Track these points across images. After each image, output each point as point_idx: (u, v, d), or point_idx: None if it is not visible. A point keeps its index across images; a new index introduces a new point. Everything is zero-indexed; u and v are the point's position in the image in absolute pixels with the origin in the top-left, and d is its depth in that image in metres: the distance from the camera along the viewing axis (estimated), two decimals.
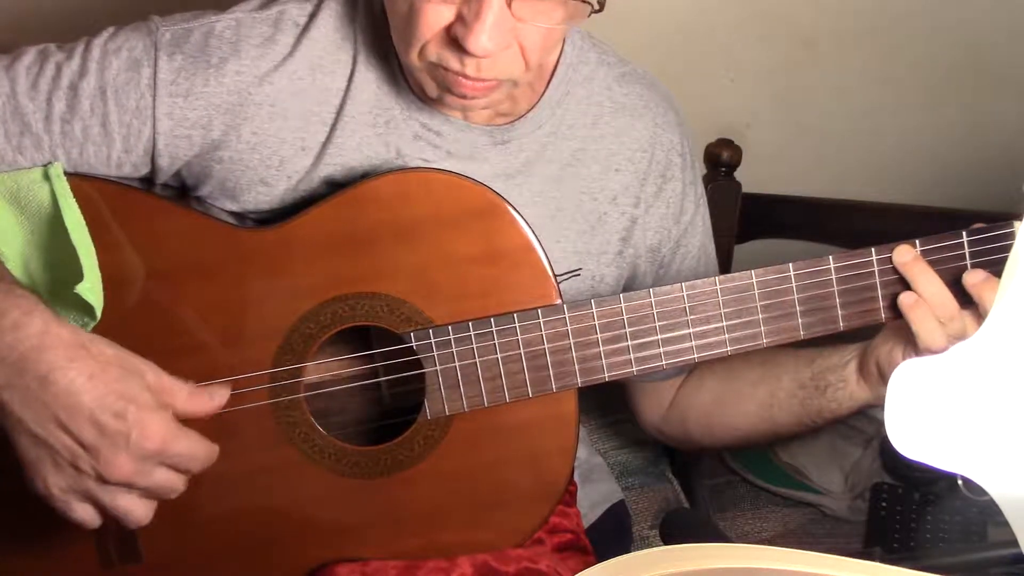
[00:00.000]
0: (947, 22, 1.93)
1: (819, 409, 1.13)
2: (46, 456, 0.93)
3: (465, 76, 1.00)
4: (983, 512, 1.40)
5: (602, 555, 1.15)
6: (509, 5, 0.95)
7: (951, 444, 0.84)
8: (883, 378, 1.08)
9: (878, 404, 1.06)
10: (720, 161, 1.60)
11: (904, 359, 1.03)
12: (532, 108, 1.13)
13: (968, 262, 1.02)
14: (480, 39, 0.95)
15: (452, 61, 0.99)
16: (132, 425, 0.92)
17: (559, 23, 0.99)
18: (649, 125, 1.18)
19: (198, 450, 0.96)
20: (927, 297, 1.02)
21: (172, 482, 0.96)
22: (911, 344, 1.04)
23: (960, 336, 1.02)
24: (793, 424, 1.16)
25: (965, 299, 1.02)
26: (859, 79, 1.96)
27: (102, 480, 0.93)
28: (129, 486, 0.94)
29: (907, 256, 1.03)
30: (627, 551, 0.96)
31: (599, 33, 1.20)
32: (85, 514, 0.95)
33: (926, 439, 0.85)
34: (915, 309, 1.03)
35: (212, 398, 0.99)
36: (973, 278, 1.02)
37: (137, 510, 0.96)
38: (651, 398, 1.28)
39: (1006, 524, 0.83)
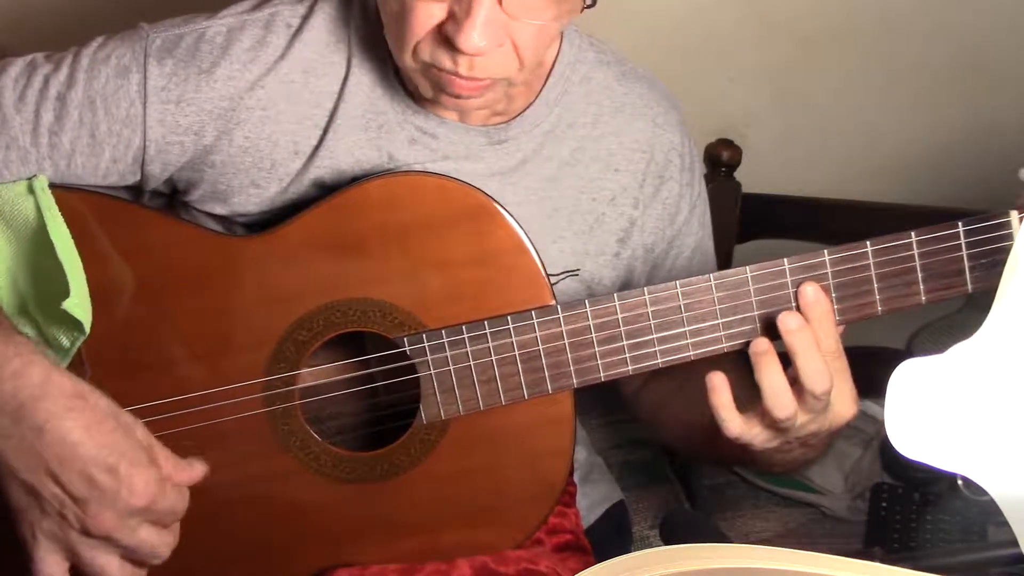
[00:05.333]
0: (947, 22, 1.93)
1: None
2: (34, 504, 0.92)
3: (458, 75, 0.99)
4: (983, 512, 1.40)
5: (602, 555, 1.14)
6: (500, 2, 0.95)
7: (951, 444, 0.84)
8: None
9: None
10: (720, 161, 1.60)
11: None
12: (529, 107, 1.12)
13: (964, 252, 1.01)
14: (471, 37, 0.95)
15: (445, 60, 0.99)
16: (122, 481, 0.91)
17: (552, 20, 0.99)
18: (649, 125, 1.17)
19: (181, 504, 0.96)
20: (765, 388, 0.98)
21: (154, 543, 0.95)
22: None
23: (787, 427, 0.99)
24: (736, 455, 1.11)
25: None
26: (859, 79, 1.96)
27: (85, 532, 0.93)
28: (111, 541, 0.93)
29: (763, 346, 0.99)
30: (627, 551, 0.96)
31: (599, 33, 1.20)
32: (53, 570, 0.94)
33: (926, 439, 0.85)
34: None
35: (191, 470, 0.97)
36: (788, 324, 0.98)
37: (114, 570, 0.95)
38: (624, 381, 1.27)
39: (1006, 524, 0.83)
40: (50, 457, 0.91)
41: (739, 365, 1.02)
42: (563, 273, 1.13)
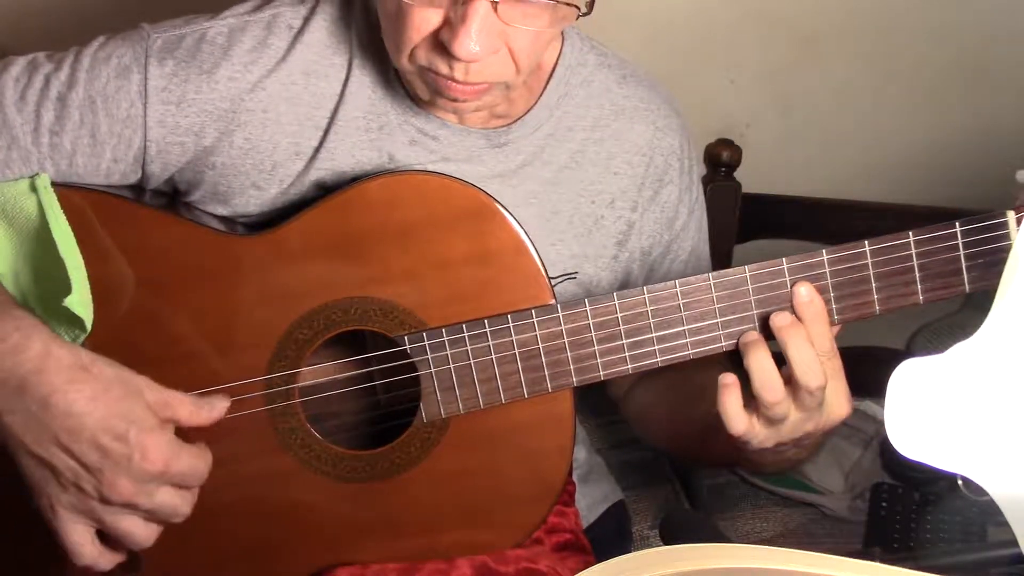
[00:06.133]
0: (947, 22, 1.94)
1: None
2: (50, 476, 0.93)
3: (455, 80, 0.99)
4: (983, 512, 1.40)
5: (601, 555, 1.15)
6: (495, 9, 0.95)
7: (951, 444, 0.84)
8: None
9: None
10: (720, 161, 1.60)
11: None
12: (529, 110, 1.12)
13: (962, 252, 1.01)
14: (466, 43, 0.95)
15: (441, 65, 0.99)
16: (134, 447, 0.92)
17: (547, 26, 0.99)
18: (649, 128, 1.17)
19: (200, 465, 0.97)
20: (753, 371, 0.98)
21: (175, 503, 0.96)
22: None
23: (779, 418, 0.99)
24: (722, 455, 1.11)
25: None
26: (859, 79, 1.96)
27: (105, 501, 0.94)
28: (132, 507, 0.94)
29: (752, 336, 1.01)
30: (627, 551, 0.96)
31: (599, 33, 1.20)
32: (79, 538, 0.95)
33: (926, 439, 0.84)
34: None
35: (213, 408, 0.99)
36: (779, 321, 0.99)
37: (138, 532, 0.96)
38: (612, 381, 1.27)
39: (1006, 524, 0.83)
40: (58, 430, 0.91)
41: (736, 367, 1.02)
42: (561, 276, 1.13)
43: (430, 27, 0.97)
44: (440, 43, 0.97)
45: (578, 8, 0.98)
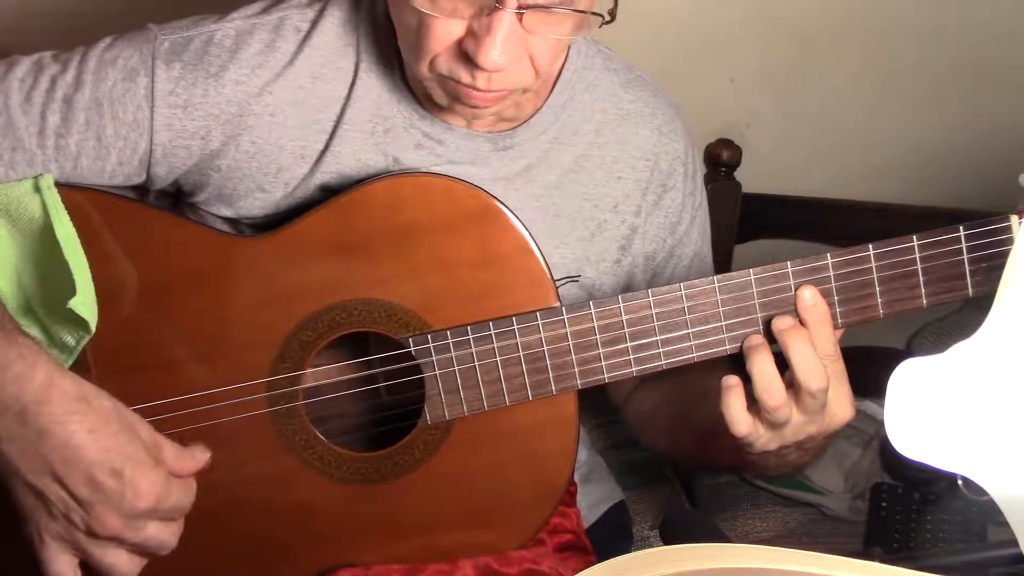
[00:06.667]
0: (947, 22, 1.94)
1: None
2: (40, 506, 0.93)
3: (476, 88, 0.99)
4: (983, 512, 1.40)
5: (602, 555, 1.15)
6: (520, 19, 0.95)
7: (951, 444, 0.85)
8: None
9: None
10: (720, 161, 1.61)
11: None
12: (535, 113, 1.13)
13: (965, 256, 1.01)
14: (491, 54, 0.95)
15: (463, 74, 0.99)
16: (127, 484, 0.92)
17: (569, 34, 0.99)
18: (654, 133, 1.18)
19: (187, 500, 0.98)
20: (756, 376, 0.99)
21: (162, 537, 0.96)
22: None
23: (781, 422, 1.00)
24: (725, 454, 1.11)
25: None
26: (859, 79, 1.96)
27: (92, 534, 0.94)
28: (119, 540, 0.94)
29: (755, 340, 1.01)
30: (627, 551, 0.96)
31: (599, 32, 1.20)
32: (62, 568, 0.95)
33: (926, 439, 0.85)
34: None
35: (193, 458, 0.99)
36: (781, 324, 1.00)
37: (122, 565, 0.96)
38: (613, 386, 1.28)
39: (1006, 524, 0.84)
40: (55, 460, 0.91)
41: (738, 371, 1.03)
42: (564, 279, 1.13)
43: (453, 38, 0.97)
44: (462, 52, 0.97)
45: (601, 16, 0.98)
